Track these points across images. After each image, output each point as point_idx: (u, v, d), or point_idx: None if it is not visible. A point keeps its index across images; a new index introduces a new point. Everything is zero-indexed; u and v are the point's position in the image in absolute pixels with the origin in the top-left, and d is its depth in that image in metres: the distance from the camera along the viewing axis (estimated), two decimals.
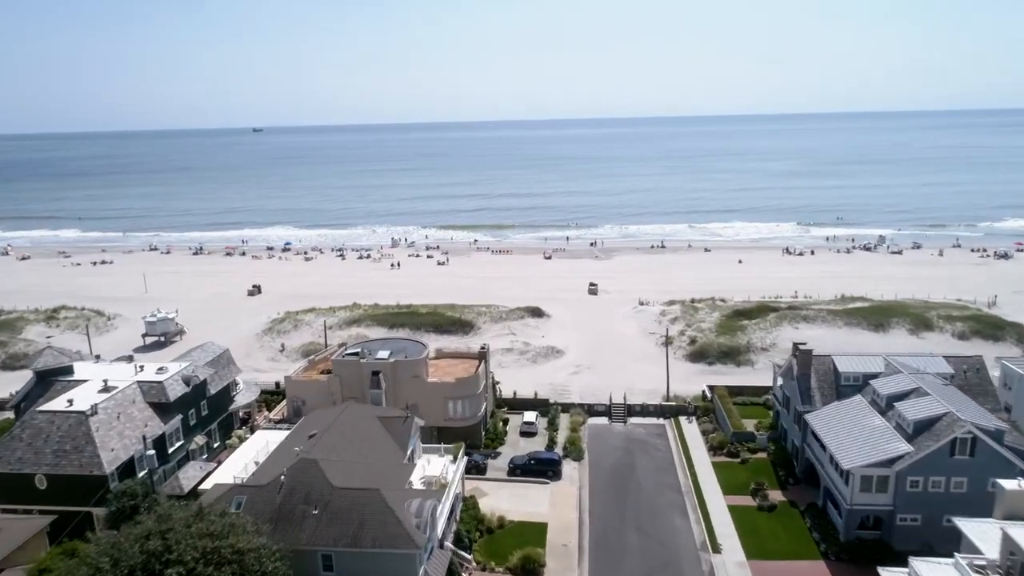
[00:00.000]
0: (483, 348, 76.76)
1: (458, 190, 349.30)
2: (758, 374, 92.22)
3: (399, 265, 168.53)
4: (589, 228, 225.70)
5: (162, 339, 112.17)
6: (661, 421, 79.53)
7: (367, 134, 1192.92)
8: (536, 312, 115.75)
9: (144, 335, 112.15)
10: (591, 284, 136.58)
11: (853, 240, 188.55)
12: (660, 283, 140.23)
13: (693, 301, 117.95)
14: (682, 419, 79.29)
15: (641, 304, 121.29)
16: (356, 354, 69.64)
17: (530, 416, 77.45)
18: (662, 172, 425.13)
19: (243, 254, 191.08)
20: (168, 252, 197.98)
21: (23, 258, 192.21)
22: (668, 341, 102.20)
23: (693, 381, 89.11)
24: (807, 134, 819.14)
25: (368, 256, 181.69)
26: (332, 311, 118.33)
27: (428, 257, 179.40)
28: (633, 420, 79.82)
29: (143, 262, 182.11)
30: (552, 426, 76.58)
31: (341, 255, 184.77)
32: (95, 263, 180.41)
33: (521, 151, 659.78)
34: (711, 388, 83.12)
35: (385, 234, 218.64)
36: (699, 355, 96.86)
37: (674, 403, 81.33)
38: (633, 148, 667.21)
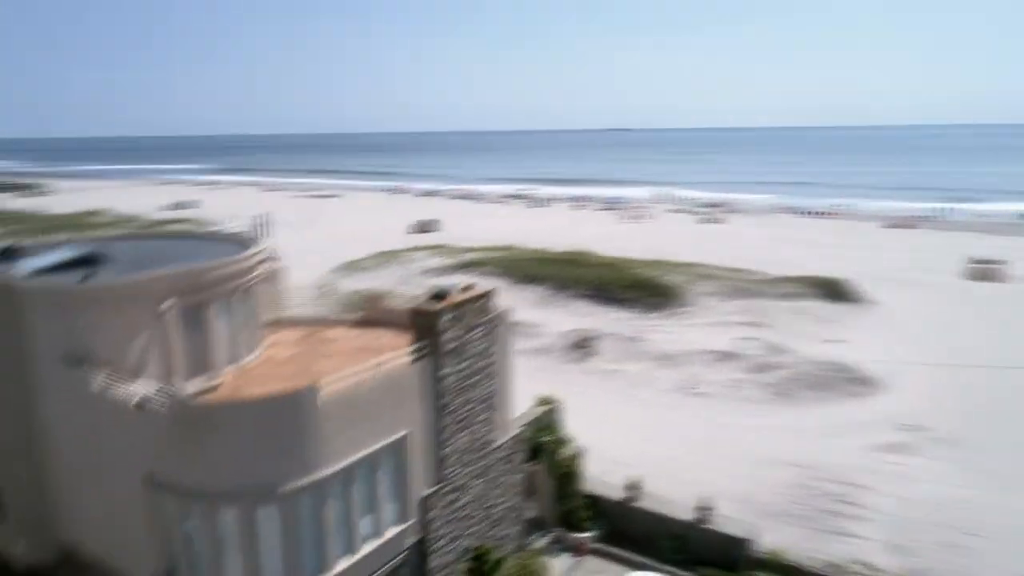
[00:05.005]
0: (463, 293, 19.34)
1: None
2: None
3: (648, 219, 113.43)
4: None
5: None
6: None
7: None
8: (835, 291, 53.49)
9: None
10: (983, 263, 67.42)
11: None
12: None
13: None
14: None
15: None
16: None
17: None
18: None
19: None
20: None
21: None
22: None
23: None
24: (826, 137, 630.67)
25: (614, 210, 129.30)
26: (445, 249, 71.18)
27: (705, 219, 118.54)
28: None
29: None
30: None
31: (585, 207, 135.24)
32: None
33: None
34: None
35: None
36: None
37: None
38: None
